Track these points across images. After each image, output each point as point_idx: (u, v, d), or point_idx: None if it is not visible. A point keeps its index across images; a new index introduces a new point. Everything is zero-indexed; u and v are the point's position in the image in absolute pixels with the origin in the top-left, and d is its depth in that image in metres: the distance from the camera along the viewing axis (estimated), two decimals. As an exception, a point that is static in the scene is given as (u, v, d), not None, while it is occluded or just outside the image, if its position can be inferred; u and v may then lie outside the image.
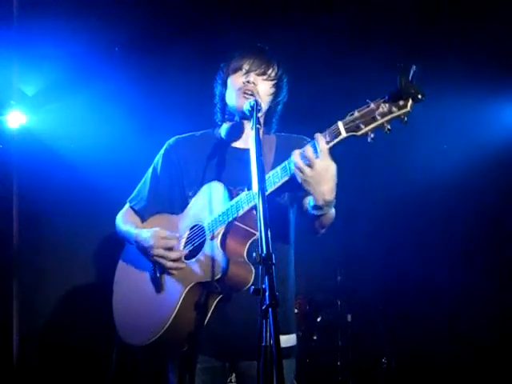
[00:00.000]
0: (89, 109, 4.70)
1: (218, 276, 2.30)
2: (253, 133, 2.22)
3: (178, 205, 2.66)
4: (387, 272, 5.32)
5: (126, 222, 2.76)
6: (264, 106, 2.56)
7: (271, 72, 2.56)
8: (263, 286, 1.81)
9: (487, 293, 4.93)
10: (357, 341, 4.95)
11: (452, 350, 4.96)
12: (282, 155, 2.46)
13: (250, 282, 2.32)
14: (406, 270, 5.22)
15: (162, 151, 2.77)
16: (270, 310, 1.76)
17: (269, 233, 1.89)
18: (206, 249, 2.41)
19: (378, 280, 5.34)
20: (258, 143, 2.18)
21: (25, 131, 4.75)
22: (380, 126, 2.04)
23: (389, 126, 2.04)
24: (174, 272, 2.48)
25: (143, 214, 2.75)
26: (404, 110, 2.00)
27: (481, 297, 4.92)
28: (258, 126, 2.27)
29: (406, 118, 2.01)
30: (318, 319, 4.97)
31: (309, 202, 2.32)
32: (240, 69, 2.55)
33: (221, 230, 2.38)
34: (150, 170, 2.78)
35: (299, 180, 2.19)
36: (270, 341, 1.74)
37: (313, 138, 2.18)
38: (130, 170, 4.59)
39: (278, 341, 1.72)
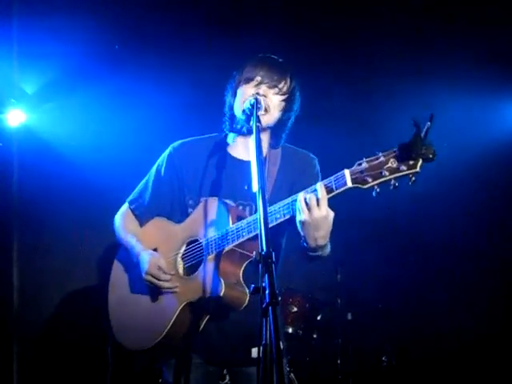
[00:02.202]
0: (88, 107, 4.70)
1: (213, 299, 2.31)
2: (253, 131, 2.21)
3: (177, 210, 2.63)
4: (387, 270, 5.31)
5: (125, 229, 2.72)
6: (272, 120, 2.51)
7: (283, 86, 2.49)
8: (263, 285, 1.80)
9: (488, 292, 4.93)
10: (357, 339, 4.95)
11: (452, 349, 4.96)
12: (286, 170, 2.47)
13: (245, 304, 2.33)
14: (406, 268, 5.22)
15: (165, 154, 2.70)
16: (270, 308, 1.75)
17: (268, 232, 1.89)
18: (203, 269, 2.40)
19: (378, 278, 5.34)
20: (258, 142, 2.16)
21: (25, 129, 4.74)
22: (387, 181, 2.02)
23: (396, 183, 2.01)
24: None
25: (142, 219, 2.72)
26: (413, 170, 1.97)
27: (482, 296, 4.92)
28: (258, 124, 2.26)
29: (413, 178, 1.98)
30: (318, 318, 4.96)
31: (302, 241, 2.29)
32: (251, 79, 2.48)
33: (219, 252, 2.37)
34: (153, 172, 2.71)
35: (297, 221, 2.18)
36: (269, 339, 1.74)
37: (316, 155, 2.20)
38: (129, 168, 4.60)
39: (277, 339, 1.72)
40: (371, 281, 5.30)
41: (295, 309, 4.76)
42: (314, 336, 4.87)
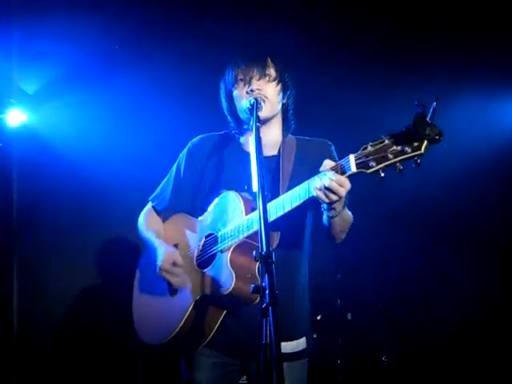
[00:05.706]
0: (89, 107, 4.70)
1: (224, 292, 2.31)
2: (253, 130, 2.23)
3: (199, 205, 2.66)
4: (387, 270, 5.31)
5: (147, 226, 2.76)
6: (276, 107, 2.55)
7: (269, 71, 2.51)
8: (263, 285, 1.81)
9: (488, 292, 4.92)
10: (357, 339, 4.94)
11: (452, 349, 4.96)
12: (303, 161, 2.46)
13: (258, 299, 2.32)
14: (407, 268, 5.22)
15: (185, 150, 2.74)
16: (269, 308, 1.76)
17: (268, 232, 1.90)
18: (217, 262, 2.42)
19: (378, 278, 5.34)
20: (258, 142, 2.19)
21: (25, 129, 4.74)
22: (391, 165, 1.96)
23: (401, 167, 1.95)
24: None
25: (164, 215, 2.77)
26: (417, 152, 1.90)
27: (482, 296, 4.92)
28: (258, 124, 2.27)
29: (418, 160, 1.92)
30: (318, 317, 4.95)
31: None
32: (239, 80, 2.52)
33: (231, 245, 2.38)
34: (174, 168, 2.75)
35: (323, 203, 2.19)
36: (269, 339, 1.73)
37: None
38: (130, 167, 4.62)
39: (277, 339, 1.72)
40: (371, 281, 5.30)
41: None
42: (314, 336, 4.86)
